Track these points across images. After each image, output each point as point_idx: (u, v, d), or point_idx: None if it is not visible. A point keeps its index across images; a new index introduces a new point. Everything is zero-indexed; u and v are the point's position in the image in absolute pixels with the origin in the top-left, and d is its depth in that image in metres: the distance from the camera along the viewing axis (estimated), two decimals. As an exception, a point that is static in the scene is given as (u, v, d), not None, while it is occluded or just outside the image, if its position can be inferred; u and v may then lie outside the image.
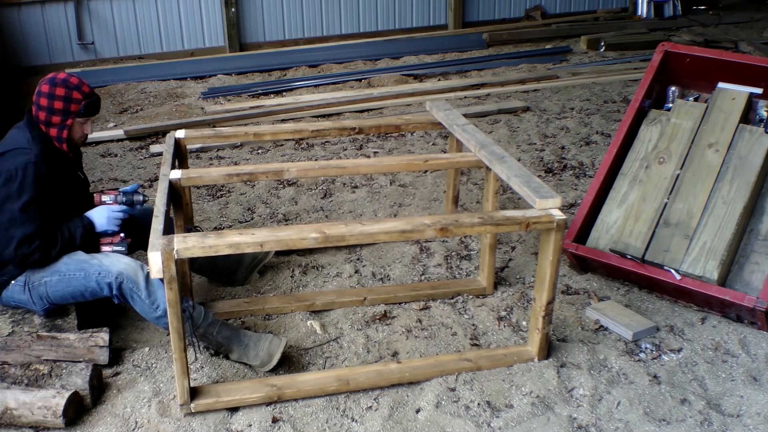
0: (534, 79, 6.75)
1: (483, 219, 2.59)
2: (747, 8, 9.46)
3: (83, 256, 2.90)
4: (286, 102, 6.20)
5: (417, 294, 3.30)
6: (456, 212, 3.69)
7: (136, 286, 2.81)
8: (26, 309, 3.01)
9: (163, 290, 2.61)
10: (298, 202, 4.40)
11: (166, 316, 2.72)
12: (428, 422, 2.57)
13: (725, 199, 3.18)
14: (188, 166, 3.57)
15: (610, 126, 5.49)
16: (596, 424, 2.56)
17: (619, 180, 3.48)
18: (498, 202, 3.17)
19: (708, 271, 3.06)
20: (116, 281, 2.82)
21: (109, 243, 2.97)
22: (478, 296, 3.33)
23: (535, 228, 2.62)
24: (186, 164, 3.50)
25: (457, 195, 3.65)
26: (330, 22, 8.17)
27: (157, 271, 2.37)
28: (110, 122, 5.90)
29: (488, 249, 3.28)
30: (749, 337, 3.00)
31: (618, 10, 9.38)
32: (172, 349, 2.52)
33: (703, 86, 3.50)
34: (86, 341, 2.83)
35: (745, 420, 2.57)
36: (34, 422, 2.54)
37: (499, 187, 3.14)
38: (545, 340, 2.83)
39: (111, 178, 4.81)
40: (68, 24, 7.30)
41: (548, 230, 2.65)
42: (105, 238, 2.98)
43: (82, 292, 2.88)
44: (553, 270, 2.69)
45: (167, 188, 2.85)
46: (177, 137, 3.42)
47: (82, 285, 2.86)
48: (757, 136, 3.24)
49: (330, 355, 2.96)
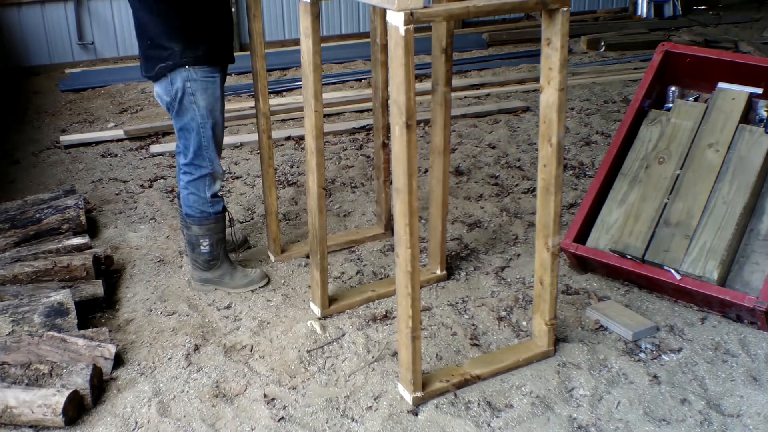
0: (534, 79, 6.75)
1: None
2: (747, 8, 9.46)
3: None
4: (286, 102, 6.20)
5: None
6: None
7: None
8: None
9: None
10: (298, 202, 4.40)
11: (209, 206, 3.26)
12: (428, 422, 2.57)
13: (725, 199, 3.18)
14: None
15: (610, 126, 5.49)
16: (596, 424, 2.56)
17: (619, 180, 3.48)
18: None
19: (708, 271, 3.06)
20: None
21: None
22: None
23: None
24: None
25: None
26: (330, 22, 8.17)
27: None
28: (110, 122, 5.90)
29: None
30: (749, 337, 3.00)
31: (618, 10, 9.37)
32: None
33: (703, 86, 3.50)
34: (93, 350, 2.84)
35: (745, 420, 2.57)
36: (33, 421, 2.54)
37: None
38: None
39: (111, 178, 4.81)
40: (68, 24, 7.30)
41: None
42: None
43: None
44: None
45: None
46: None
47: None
48: (757, 136, 3.24)
49: (330, 355, 2.96)
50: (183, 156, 3.22)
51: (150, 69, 3.11)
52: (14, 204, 4.11)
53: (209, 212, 3.27)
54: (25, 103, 6.42)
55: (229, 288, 3.39)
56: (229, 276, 3.39)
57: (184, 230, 3.37)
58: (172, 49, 3.01)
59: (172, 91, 3.08)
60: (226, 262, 3.40)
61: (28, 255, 3.52)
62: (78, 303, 3.12)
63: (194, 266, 3.39)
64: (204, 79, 3.08)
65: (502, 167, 4.82)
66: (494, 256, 3.70)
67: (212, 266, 3.36)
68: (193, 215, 3.27)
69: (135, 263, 3.72)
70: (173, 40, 3.01)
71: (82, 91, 6.67)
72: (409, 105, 2.30)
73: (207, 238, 3.29)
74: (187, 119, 3.13)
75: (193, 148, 3.16)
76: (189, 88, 3.07)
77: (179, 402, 2.72)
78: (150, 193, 4.56)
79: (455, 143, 5.23)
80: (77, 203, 3.88)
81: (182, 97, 3.08)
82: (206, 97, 3.11)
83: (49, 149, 5.36)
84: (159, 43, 3.03)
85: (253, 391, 2.76)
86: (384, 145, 3.70)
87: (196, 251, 3.33)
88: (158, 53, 3.04)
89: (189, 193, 3.25)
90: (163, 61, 3.04)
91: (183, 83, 3.05)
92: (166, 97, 3.12)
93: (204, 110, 3.11)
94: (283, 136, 5.44)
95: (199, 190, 3.23)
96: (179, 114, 3.13)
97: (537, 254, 2.81)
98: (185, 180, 3.24)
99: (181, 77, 3.05)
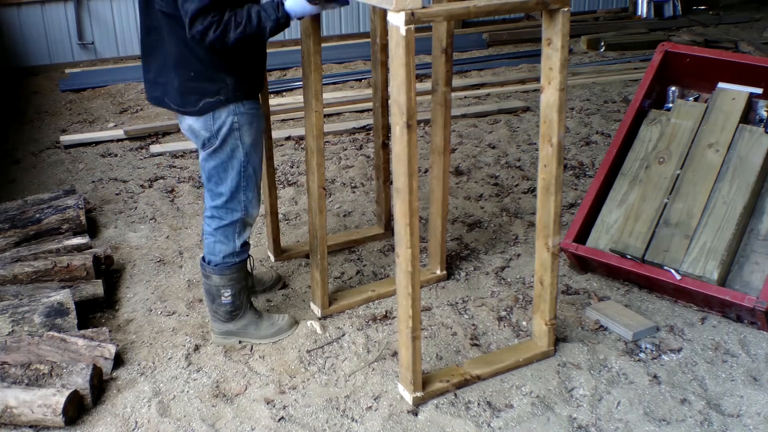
0: (534, 79, 6.75)
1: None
2: (747, 8, 9.46)
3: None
4: (285, 102, 6.20)
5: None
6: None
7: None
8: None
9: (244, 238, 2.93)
10: (298, 202, 4.40)
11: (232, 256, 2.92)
12: (428, 422, 2.57)
13: (725, 199, 3.18)
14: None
15: (610, 126, 5.49)
16: (596, 424, 2.56)
17: (619, 180, 3.48)
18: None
19: (708, 271, 3.06)
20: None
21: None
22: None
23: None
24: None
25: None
26: (330, 22, 8.17)
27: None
28: (110, 122, 5.90)
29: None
30: (749, 337, 3.00)
31: (618, 10, 9.37)
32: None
33: (703, 86, 3.50)
34: (93, 350, 2.84)
35: (745, 420, 2.57)
36: (34, 421, 2.54)
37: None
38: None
39: (111, 178, 4.81)
40: (68, 24, 7.29)
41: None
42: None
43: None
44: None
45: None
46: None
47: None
48: (757, 136, 3.24)
49: (330, 355, 2.96)
50: (213, 198, 2.85)
51: (192, 103, 2.69)
52: (14, 204, 4.11)
53: (235, 261, 2.93)
54: (25, 103, 6.42)
55: (254, 339, 3.04)
56: (254, 326, 3.03)
57: (203, 278, 3.01)
58: (224, 83, 2.67)
59: (214, 126, 2.71)
60: (250, 311, 3.04)
61: (28, 255, 3.52)
62: (78, 303, 3.12)
63: (214, 318, 3.02)
64: (249, 112, 2.76)
65: (502, 167, 4.82)
66: (494, 256, 3.70)
67: (234, 317, 3.00)
68: (216, 264, 2.92)
69: (135, 263, 3.71)
70: (227, 73, 2.67)
71: (82, 91, 6.67)
72: (409, 105, 2.30)
73: (229, 288, 2.94)
74: (225, 157, 2.77)
75: (229, 189, 2.81)
76: (236, 123, 2.73)
77: (179, 402, 2.72)
78: (150, 193, 4.56)
79: (455, 143, 5.23)
80: (77, 203, 3.88)
81: (227, 133, 2.73)
82: (252, 132, 2.79)
83: (49, 149, 5.36)
84: (207, 77, 2.66)
85: (253, 391, 2.76)
86: (384, 145, 3.70)
87: (216, 302, 2.97)
88: (204, 87, 2.67)
89: (215, 241, 2.89)
90: (212, 96, 2.67)
91: (229, 118, 2.72)
92: (205, 132, 2.73)
93: (249, 147, 2.79)
94: (283, 136, 5.44)
95: (228, 239, 2.88)
96: (218, 151, 2.76)
97: (537, 254, 2.81)
98: (213, 226, 2.88)
99: (227, 111, 2.71)
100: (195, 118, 2.73)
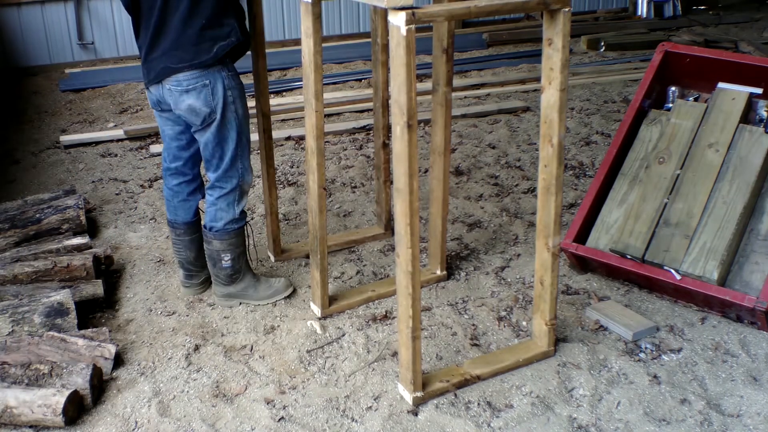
0: (534, 79, 6.75)
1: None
2: (747, 8, 9.46)
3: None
4: (285, 102, 6.20)
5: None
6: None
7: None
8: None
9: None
10: (298, 202, 4.40)
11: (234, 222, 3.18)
12: (428, 422, 2.57)
13: (725, 199, 3.18)
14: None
15: (610, 126, 5.50)
16: (596, 424, 2.56)
17: (619, 180, 3.48)
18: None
19: (708, 271, 3.06)
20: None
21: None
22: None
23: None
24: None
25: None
26: (330, 22, 8.17)
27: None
28: (110, 122, 5.90)
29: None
30: (749, 337, 3.00)
31: (618, 10, 9.38)
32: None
33: (703, 86, 3.50)
34: (93, 350, 2.84)
35: (745, 420, 2.57)
36: (34, 421, 2.54)
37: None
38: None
39: (111, 178, 4.81)
40: (68, 24, 7.30)
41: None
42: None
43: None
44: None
45: None
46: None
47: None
48: (757, 136, 3.24)
49: (330, 355, 2.96)
50: (215, 170, 3.07)
51: (206, 50, 2.87)
52: (14, 204, 4.11)
53: (234, 228, 3.18)
54: (25, 103, 6.42)
55: (253, 300, 3.29)
56: (252, 288, 3.28)
57: (205, 244, 3.24)
58: (233, 26, 2.91)
59: (214, 101, 2.92)
60: (249, 274, 3.29)
61: (28, 255, 3.52)
62: (78, 303, 3.12)
63: (216, 281, 3.27)
64: (239, 86, 3.00)
65: (502, 167, 4.83)
66: (494, 256, 3.71)
67: (234, 280, 3.25)
68: (217, 229, 3.15)
69: (135, 263, 3.72)
70: (232, 15, 2.91)
71: (82, 91, 6.67)
72: (410, 105, 2.30)
73: (229, 252, 3.18)
74: (225, 130, 2.99)
75: (228, 160, 3.05)
76: (230, 97, 2.95)
77: (179, 402, 2.72)
78: (150, 193, 4.56)
79: (455, 143, 5.24)
80: (77, 203, 3.88)
81: (224, 106, 2.95)
82: (243, 105, 3.03)
83: (49, 149, 5.37)
84: (219, 22, 2.87)
85: (253, 391, 2.76)
86: (384, 145, 3.70)
87: (217, 266, 3.22)
88: (217, 33, 2.88)
89: (217, 209, 3.13)
90: (224, 39, 2.89)
91: (224, 92, 2.93)
92: (206, 108, 2.93)
93: (242, 118, 3.03)
94: (283, 136, 5.44)
95: (229, 206, 3.13)
96: (218, 124, 2.97)
97: (537, 254, 2.81)
98: (215, 195, 3.11)
99: (221, 86, 2.92)
100: (191, 95, 2.91)
